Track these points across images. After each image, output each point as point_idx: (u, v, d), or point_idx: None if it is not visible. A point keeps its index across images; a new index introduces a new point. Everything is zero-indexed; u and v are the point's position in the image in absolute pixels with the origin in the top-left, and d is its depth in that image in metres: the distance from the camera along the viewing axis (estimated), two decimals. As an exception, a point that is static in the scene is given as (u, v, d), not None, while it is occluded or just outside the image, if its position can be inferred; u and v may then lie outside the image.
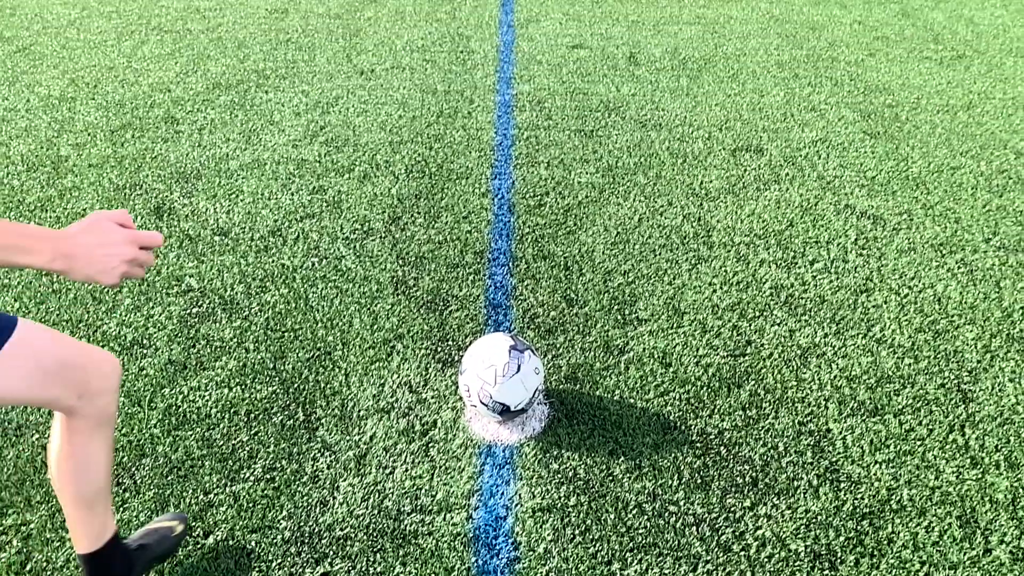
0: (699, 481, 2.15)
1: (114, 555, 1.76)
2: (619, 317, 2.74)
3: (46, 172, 3.62)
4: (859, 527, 2.04)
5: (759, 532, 2.03)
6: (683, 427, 2.31)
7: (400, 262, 3.02)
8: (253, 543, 1.99)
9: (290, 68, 4.76)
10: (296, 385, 2.45)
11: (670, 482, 2.14)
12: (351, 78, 4.64)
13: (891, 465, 2.21)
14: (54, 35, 5.22)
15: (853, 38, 5.33)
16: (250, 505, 2.08)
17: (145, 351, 2.57)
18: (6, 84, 4.49)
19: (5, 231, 1.12)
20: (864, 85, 4.61)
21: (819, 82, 4.65)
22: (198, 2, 5.90)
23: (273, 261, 3.02)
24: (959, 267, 3.03)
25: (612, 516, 2.06)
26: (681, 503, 2.09)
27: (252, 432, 2.29)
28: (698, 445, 2.26)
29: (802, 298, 2.85)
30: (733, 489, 2.13)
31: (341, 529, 2.02)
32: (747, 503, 2.10)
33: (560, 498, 2.10)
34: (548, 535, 2.01)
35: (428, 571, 1.93)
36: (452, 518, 2.04)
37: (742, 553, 1.98)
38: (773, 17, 5.71)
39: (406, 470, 2.17)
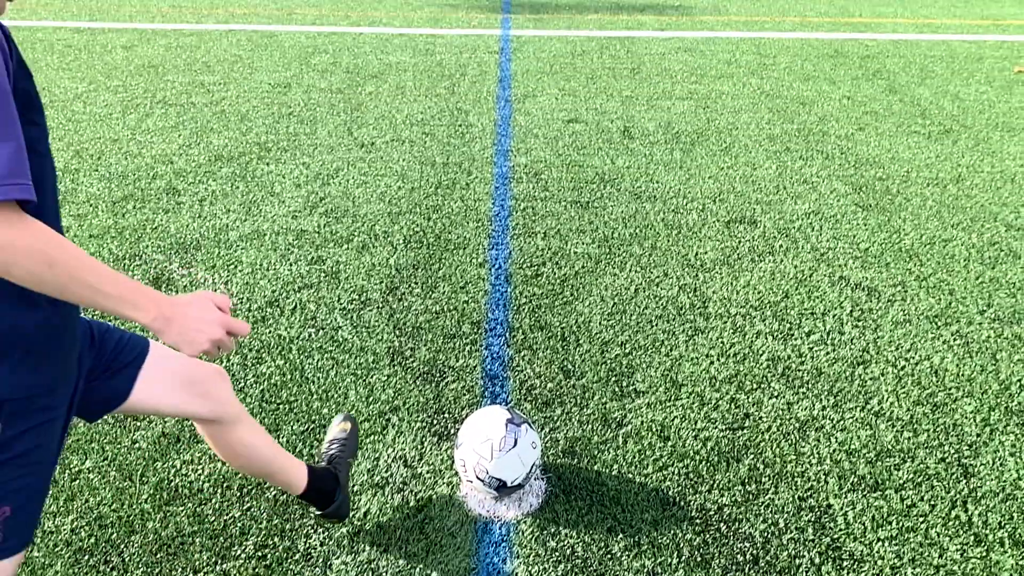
0: (699, 559, 2.11)
1: (320, 483, 2.09)
2: (616, 389, 2.73)
3: (47, 243, 3.64)
4: (863, 607, 2.00)
5: (761, 613, 1.98)
6: (682, 503, 2.28)
7: (397, 332, 3.03)
8: (242, 624, 1.94)
9: (292, 141, 4.85)
10: (290, 459, 2.42)
11: (670, 560, 2.10)
12: (352, 150, 4.73)
13: (894, 542, 2.17)
14: (61, 108, 5.32)
15: (843, 113, 5.46)
16: (240, 584, 2.03)
17: (138, 423, 2.55)
18: (11, 156, 4.56)
19: (126, 286, 1.21)
20: (855, 158, 4.70)
21: (810, 155, 4.74)
22: (203, 76, 6.04)
23: (270, 332, 3.02)
24: (955, 339, 3.04)
25: (611, 596, 2.01)
26: (681, 582, 2.05)
27: (244, 508, 2.25)
28: (698, 521, 2.22)
29: (799, 370, 2.85)
30: (734, 567, 2.09)
31: (333, 610, 1.97)
32: (748, 582, 2.05)
33: (558, 577, 2.06)
34: (545, 616, 1.96)
35: (422, 654, 1.88)
36: (447, 598, 2.00)
37: (744, 635, 1.93)
38: (764, 92, 5.86)
39: (401, 547, 2.13)
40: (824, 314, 3.19)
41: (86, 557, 2.10)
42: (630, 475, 2.37)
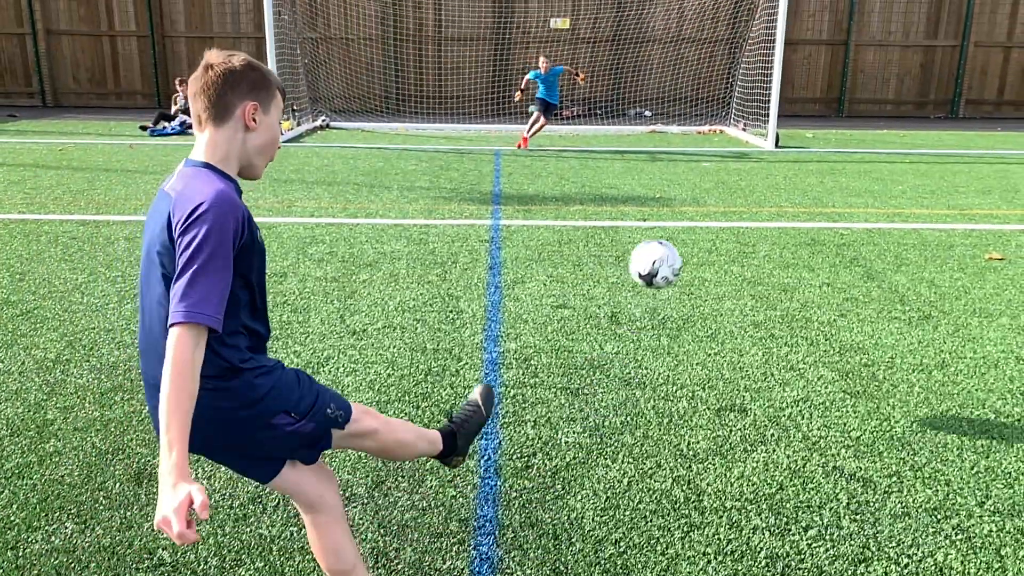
0: None
1: None
2: (610, 593, 2.61)
3: (30, 436, 3.59)
4: None
5: None
6: None
7: (382, 531, 2.93)
8: None
9: (284, 329, 4.91)
10: (264, 676, 2.26)
11: None
12: (343, 338, 4.78)
13: None
14: (58, 299, 5.43)
15: (823, 299, 5.61)
16: None
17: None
18: (3, 347, 4.59)
19: (176, 439, 1.69)
20: (839, 345, 4.78)
21: (795, 342, 4.82)
22: (201, 266, 6.21)
23: (251, 531, 2.92)
24: (956, 533, 2.96)
25: None
26: None
27: None
28: None
29: (799, 569, 2.74)
30: None
31: None
32: None
33: None
34: None
35: None
36: None
37: None
38: (745, 280, 6.04)
39: None
40: (820, 507, 3.11)
41: None
42: None
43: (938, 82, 19.49)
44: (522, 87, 13.08)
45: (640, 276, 3.96)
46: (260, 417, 2.02)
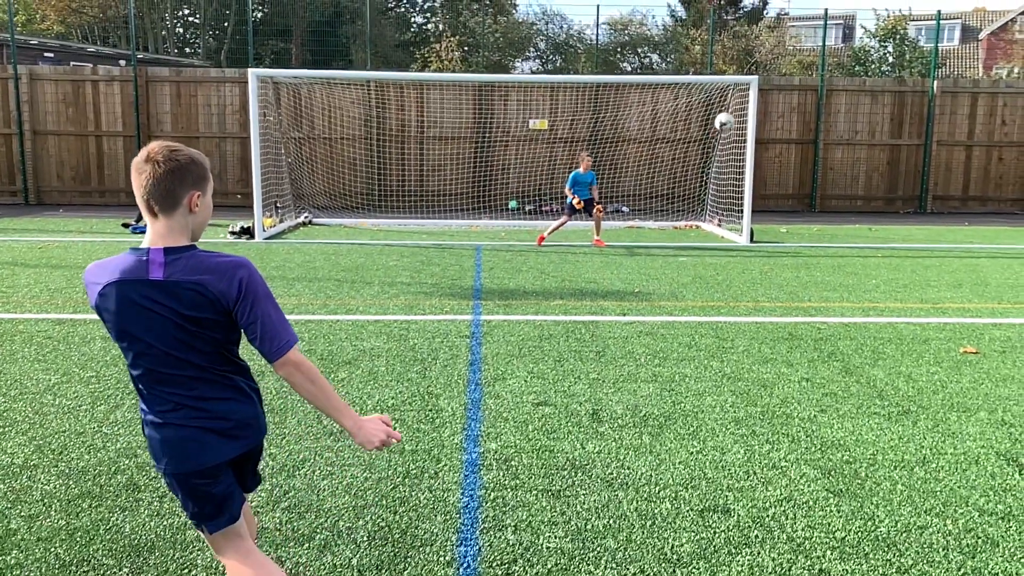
0: None
1: None
2: None
3: (-10, 548, 3.46)
4: None
5: None
6: None
7: (357, 647, 2.81)
8: None
9: (260, 430, 4.83)
10: None
11: None
12: (320, 439, 4.71)
13: None
14: (29, 401, 5.32)
15: (803, 395, 5.62)
16: None
17: None
18: (-30, 451, 4.47)
19: (342, 404, 2.48)
20: (820, 441, 4.76)
21: (776, 439, 4.80)
22: (178, 365, 6.14)
23: (218, 648, 2.79)
24: (948, 640, 2.88)
25: None
26: None
27: None
28: None
29: None
30: None
31: None
32: None
33: None
34: None
35: None
36: None
37: None
38: (725, 375, 6.06)
39: None
40: (809, 614, 3.04)
41: None
42: None
43: (905, 178, 20.13)
44: (576, 200, 13.16)
45: (721, 125, 13.54)
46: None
